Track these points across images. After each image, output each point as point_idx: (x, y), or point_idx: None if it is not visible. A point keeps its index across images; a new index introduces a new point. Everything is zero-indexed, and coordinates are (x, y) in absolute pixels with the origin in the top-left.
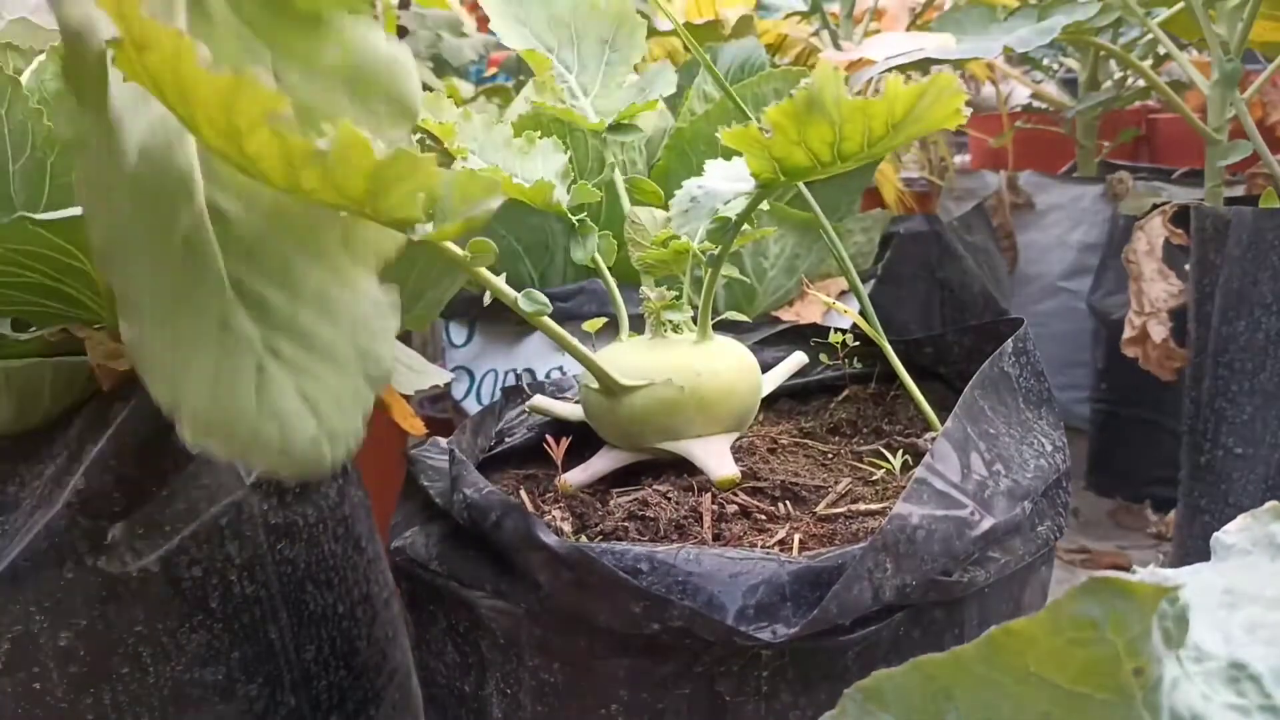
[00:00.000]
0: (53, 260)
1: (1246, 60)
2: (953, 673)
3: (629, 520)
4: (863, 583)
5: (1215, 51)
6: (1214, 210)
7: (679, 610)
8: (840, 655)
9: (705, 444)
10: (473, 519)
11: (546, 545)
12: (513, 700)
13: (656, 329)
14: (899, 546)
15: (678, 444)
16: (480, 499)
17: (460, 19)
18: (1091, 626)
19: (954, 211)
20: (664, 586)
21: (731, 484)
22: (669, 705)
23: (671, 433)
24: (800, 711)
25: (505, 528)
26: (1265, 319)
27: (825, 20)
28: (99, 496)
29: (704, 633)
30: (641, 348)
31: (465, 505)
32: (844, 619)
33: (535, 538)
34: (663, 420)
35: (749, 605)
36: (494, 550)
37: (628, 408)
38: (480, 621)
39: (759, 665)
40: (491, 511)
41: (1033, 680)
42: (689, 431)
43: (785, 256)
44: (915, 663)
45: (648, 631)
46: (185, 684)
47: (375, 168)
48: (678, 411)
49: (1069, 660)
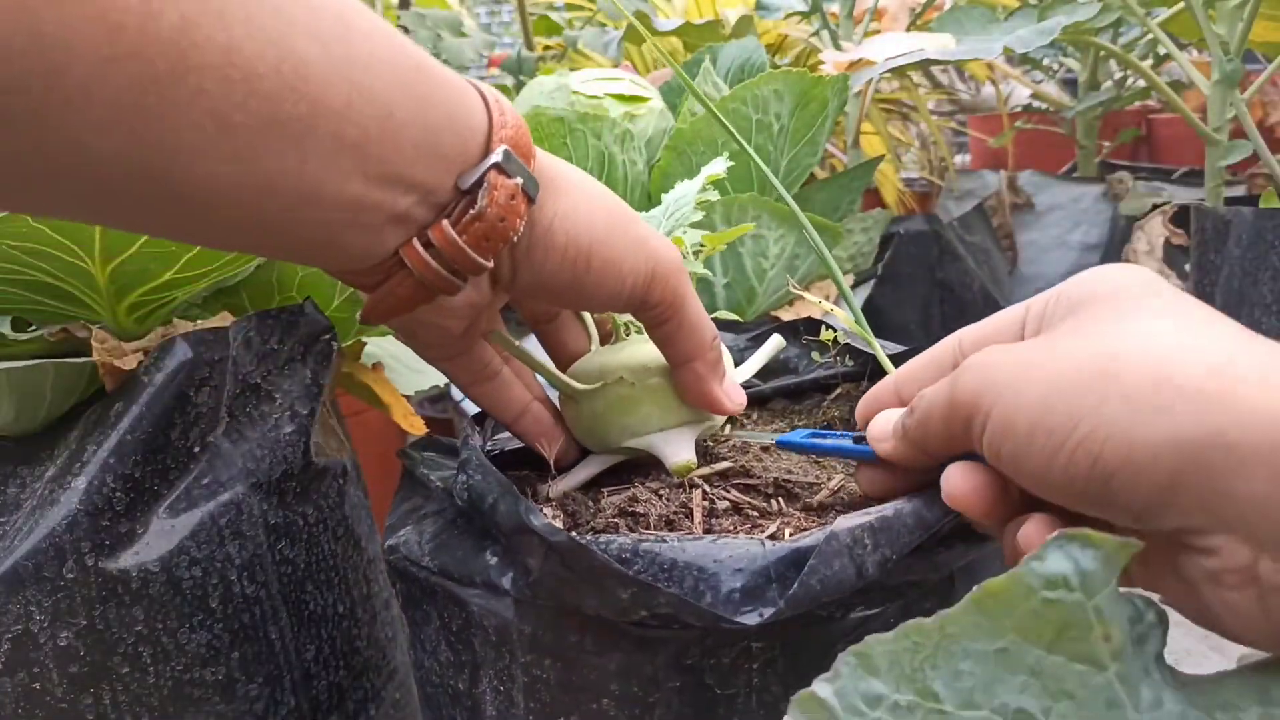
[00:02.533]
0: (54, 258)
1: (1246, 60)
2: (939, 638)
3: (620, 517)
4: (843, 558)
5: (1215, 51)
6: (1214, 210)
7: (666, 597)
8: (830, 647)
9: (665, 435)
10: (472, 501)
11: (536, 530)
12: (506, 697)
13: (616, 331)
14: (877, 520)
15: (641, 440)
16: (480, 482)
17: (460, 19)
18: (1062, 583)
19: (954, 211)
20: (650, 574)
21: (687, 470)
22: (660, 699)
23: (633, 430)
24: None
25: (499, 511)
26: (1265, 319)
27: (825, 20)
28: (100, 497)
29: (690, 618)
30: (601, 354)
31: (466, 488)
32: (827, 595)
33: (525, 522)
34: (622, 418)
35: (735, 589)
36: (487, 541)
37: (589, 411)
38: (472, 619)
39: (749, 658)
40: (488, 495)
41: (1014, 645)
42: (649, 426)
43: (785, 257)
44: (904, 628)
45: (635, 618)
46: (185, 684)
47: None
48: (634, 407)
49: (1045, 622)
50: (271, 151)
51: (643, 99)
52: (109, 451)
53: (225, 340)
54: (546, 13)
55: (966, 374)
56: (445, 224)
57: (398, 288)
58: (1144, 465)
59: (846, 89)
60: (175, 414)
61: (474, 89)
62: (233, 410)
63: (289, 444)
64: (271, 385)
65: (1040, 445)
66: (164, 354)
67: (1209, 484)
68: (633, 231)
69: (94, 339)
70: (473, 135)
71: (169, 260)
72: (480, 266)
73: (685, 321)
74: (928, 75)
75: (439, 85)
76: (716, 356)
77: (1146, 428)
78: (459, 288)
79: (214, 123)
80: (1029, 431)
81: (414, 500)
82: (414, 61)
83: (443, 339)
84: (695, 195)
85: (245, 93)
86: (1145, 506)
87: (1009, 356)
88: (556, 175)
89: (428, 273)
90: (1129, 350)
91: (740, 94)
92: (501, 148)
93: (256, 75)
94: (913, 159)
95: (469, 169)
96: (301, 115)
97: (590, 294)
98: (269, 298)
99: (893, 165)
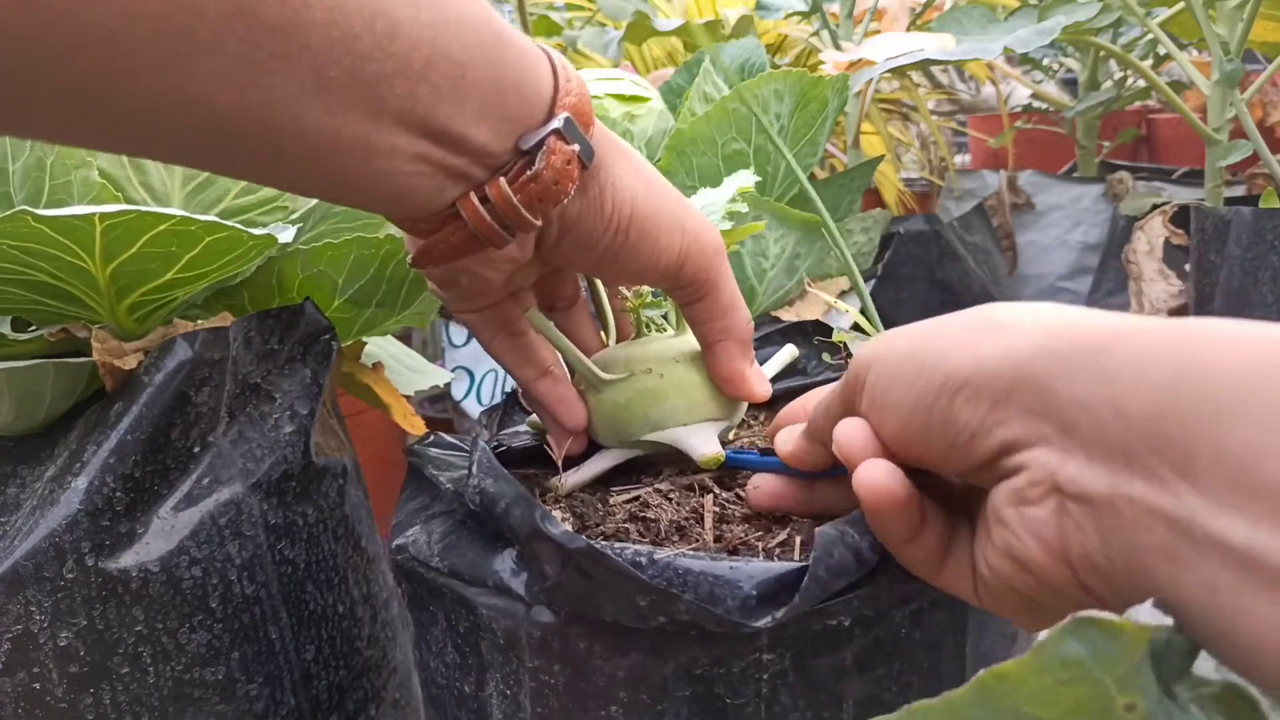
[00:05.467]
0: (54, 258)
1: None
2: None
3: (630, 522)
4: (839, 546)
5: (1215, 51)
6: (1214, 210)
7: (685, 604)
8: (840, 657)
9: (690, 429)
10: (484, 505)
11: (552, 537)
12: (513, 701)
13: (638, 328)
14: (854, 515)
15: (664, 433)
16: (493, 487)
17: None
18: (1078, 666)
19: (954, 211)
20: (665, 579)
21: (716, 462)
22: (669, 707)
23: (657, 422)
24: (800, 714)
25: (513, 516)
26: (1265, 319)
27: (825, 20)
28: (100, 497)
29: (710, 625)
30: (625, 347)
31: (478, 491)
32: (835, 583)
33: (541, 529)
34: (647, 410)
35: (751, 595)
36: (499, 543)
37: (612, 401)
38: (480, 621)
39: (760, 668)
40: (501, 499)
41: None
42: (674, 420)
43: (785, 257)
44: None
45: (654, 624)
46: (185, 684)
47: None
48: (661, 399)
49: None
50: (356, 105)
51: (643, 99)
52: (109, 451)
53: (225, 340)
54: (546, 13)
55: (855, 358)
56: (502, 181)
57: (451, 236)
58: (986, 378)
59: (846, 89)
60: (175, 414)
61: (545, 55)
62: (233, 410)
63: (289, 444)
64: (271, 385)
65: (905, 376)
66: (164, 354)
67: (1036, 390)
68: (675, 209)
69: (94, 339)
70: (539, 100)
71: (169, 260)
72: (530, 224)
73: (719, 302)
74: (928, 75)
75: (513, 50)
76: (748, 339)
77: (990, 344)
78: (507, 242)
79: (313, 78)
80: (898, 367)
81: (421, 499)
82: (494, 28)
83: (481, 289)
84: (725, 205)
85: (342, 50)
86: (980, 423)
87: (890, 332)
88: (610, 145)
89: (481, 225)
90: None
91: (740, 94)
92: (564, 114)
93: (353, 34)
94: (913, 159)
95: (531, 131)
96: (386, 74)
97: (625, 264)
98: (269, 299)
99: (893, 165)
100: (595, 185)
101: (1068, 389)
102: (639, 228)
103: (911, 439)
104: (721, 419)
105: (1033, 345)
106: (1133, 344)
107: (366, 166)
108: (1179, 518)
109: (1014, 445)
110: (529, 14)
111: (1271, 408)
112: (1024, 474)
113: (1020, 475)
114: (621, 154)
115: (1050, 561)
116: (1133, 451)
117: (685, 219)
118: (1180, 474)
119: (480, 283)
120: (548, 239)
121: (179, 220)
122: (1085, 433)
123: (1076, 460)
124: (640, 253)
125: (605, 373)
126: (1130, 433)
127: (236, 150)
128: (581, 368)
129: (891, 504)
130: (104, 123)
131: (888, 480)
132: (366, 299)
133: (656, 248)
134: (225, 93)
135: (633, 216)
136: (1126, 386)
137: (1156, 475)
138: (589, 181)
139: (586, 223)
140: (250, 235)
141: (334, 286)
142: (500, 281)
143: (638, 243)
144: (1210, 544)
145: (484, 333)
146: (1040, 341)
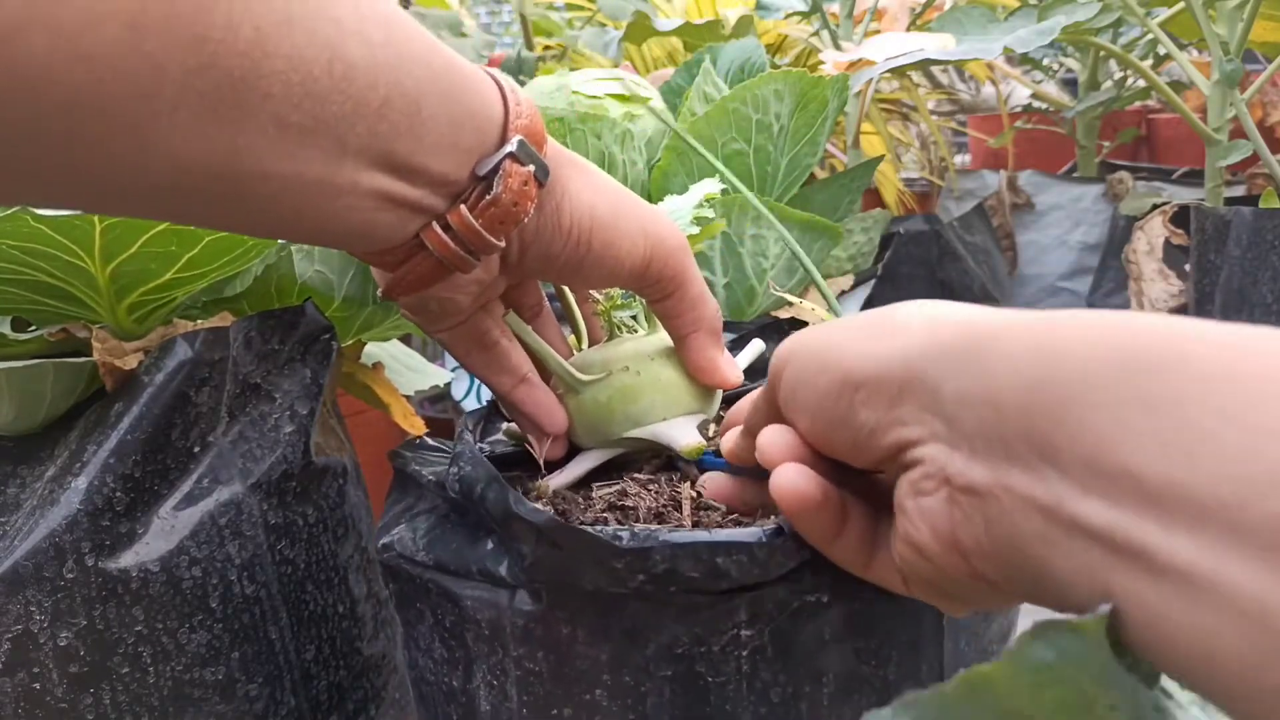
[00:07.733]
0: (54, 258)
1: (1246, 60)
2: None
3: (609, 510)
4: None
5: (1215, 51)
6: (1214, 210)
7: (660, 553)
8: (819, 632)
9: (669, 424)
10: (463, 491)
11: (522, 516)
12: (500, 691)
13: (610, 330)
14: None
15: (645, 429)
16: (470, 472)
17: (460, 19)
18: (1049, 670)
19: (954, 211)
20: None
21: (699, 452)
22: (652, 688)
23: (637, 419)
24: (780, 689)
25: (489, 499)
26: (1265, 319)
27: (825, 20)
28: (100, 497)
29: (689, 568)
30: (600, 349)
31: (458, 479)
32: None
33: (513, 509)
34: (626, 407)
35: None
36: (481, 532)
37: (592, 401)
38: (465, 614)
39: (739, 645)
40: (478, 484)
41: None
42: (654, 415)
43: (785, 257)
44: (902, 702)
45: (632, 585)
46: (185, 684)
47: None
48: (639, 396)
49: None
50: (317, 147)
51: (643, 99)
52: (109, 451)
53: (225, 340)
54: (546, 13)
55: (775, 355)
56: (463, 209)
57: (418, 266)
58: (882, 379)
59: (846, 89)
60: (175, 414)
61: (493, 81)
62: (233, 410)
63: (289, 444)
64: (271, 385)
65: (811, 374)
66: (164, 354)
67: (925, 389)
68: (633, 214)
69: (94, 339)
70: (491, 125)
71: (169, 260)
72: (494, 246)
73: (688, 295)
74: (928, 75)
75: (463, 79)
76: (718, 328)
77: (885, 344)
78: (473, 266)
79: (275, 125)
80: (805, 367)
81: (406, 500)
82: (443, 58)
83: (451, 311)
84: (691, 210)
85: (302, 94)
86: (879, 422)
87: (803, 331)
88: (565, 162)
89: (446, 253)
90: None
91: (740, 94)
92: (517, 138)
93: (312, 78)
94: (913, 159)
95: (486, 156)
96: (346, 114)
97: (589, 272)
98: (268, 306)
99: (893, 165)
100: (553, 201)
101: (952, 386)
102: (600, 237)
103: (820, 436)
104: (699, 411)
105: (920, 345)
106: (1006, 340)
107: (330, 205)
108: (1049, 504)
109: (910, 442)
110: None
111: (1116, 394)
112: (919, 468)
113: (916, 469)
114: (577, 168)
115: (943, 550)
116: (1010, 443)
117: (646, 222)
118: (1049, 462)
119: (450, 305)
120: (510, 257)
121: None
122: (968, 427)
123: (962, 454)
124: (604, 260)
125: (584, 374)
126: (1005, 425)
127: (197, 199)
128: (560, 371)
129: (806, 506)
130: (69, 186)
131: (803, 484)
132: (364, 295)
133: (619, 253)
134: (189, 146)
135: (593, 227)
136: (1001, 382)
137: (1030, 465)
138: (546, 199)
139: (546, 237)
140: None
141: (332, 286)
142: (468, 302)
143: (601, 251)
144: (1077, 528)
145: (458, 348)
146: (926, 340)
